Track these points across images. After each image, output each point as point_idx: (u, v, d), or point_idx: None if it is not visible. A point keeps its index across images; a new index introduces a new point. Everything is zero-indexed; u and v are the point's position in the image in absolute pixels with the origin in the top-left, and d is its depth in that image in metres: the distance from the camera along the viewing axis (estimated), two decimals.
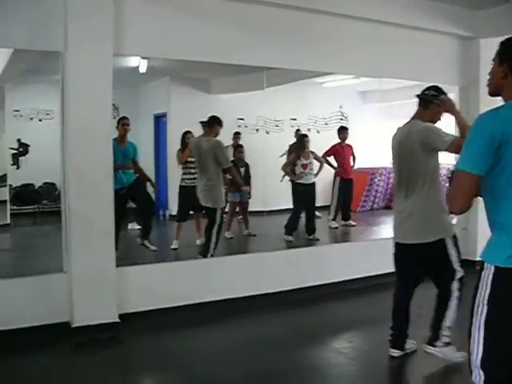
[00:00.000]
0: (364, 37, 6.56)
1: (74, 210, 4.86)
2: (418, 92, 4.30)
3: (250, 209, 8.94)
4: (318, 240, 8.45)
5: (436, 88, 4.24)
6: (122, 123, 7.29)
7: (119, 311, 5.07)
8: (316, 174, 8.86)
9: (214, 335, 5.19)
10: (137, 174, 7.48)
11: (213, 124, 6.88)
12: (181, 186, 7.99)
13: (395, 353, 4.46)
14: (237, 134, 9.74)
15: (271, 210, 9.27)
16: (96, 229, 4.93)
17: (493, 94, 2.44)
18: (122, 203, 6.83)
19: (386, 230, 8.50)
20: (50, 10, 4.75)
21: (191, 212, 8.07)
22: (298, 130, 10.39)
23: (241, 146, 9.03)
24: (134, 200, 7.47)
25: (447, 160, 11.09)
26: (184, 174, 7.97)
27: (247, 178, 8.90)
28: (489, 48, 7.15)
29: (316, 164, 9.00)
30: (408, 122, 4.27)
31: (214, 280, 5.75)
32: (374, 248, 6.95)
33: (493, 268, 2.21)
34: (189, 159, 7.87)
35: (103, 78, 4.89)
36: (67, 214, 4.93)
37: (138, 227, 8.81)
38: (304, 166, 8.54)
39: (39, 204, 10.11)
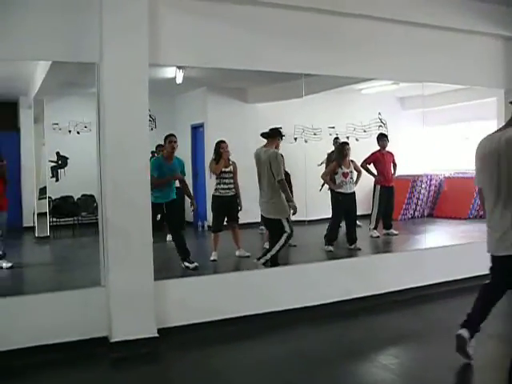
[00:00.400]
0: (404, 41, 6.42)
1: (111, 223, 4.80)
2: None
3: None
4: (359, 250, 8.25)
5: None
6: (170, 140, 7.25)
7: (158, 326, 4.96)
8: (355, 183, 8.67)
9: (255, 350, 5.05)
10: (181, 188, 7.49)
11: (273, 135, 6.88)
12: (214, 196, 7.90)
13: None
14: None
15: (311, 219, 9.13)
16: (133, 241, 4.85)
17: None
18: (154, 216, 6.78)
19: (429, 238, 8.28)
20: (85, 21, 4.73)
21: (225, 223, 7.97)
22: (336, 138, 10.21)
23: (281, 156, 8.83)
24: (167, 219, 7.31)
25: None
26: (218, 183, 7.87)
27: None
28: None
29: (356, 173, 8.81)
30: (500, 130, 4.03)
31: (254, 293, 5.60)
32: (417, 258, 6.75)
33: None
34: (223, 169, 7.79)
35: (139, 88, 4.81)
36: (104, 226, 4.86)
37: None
38: (345, 175, 8.36)
39: (78, 216, 10.16)
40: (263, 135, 6.96)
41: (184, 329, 5.13)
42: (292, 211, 6.70)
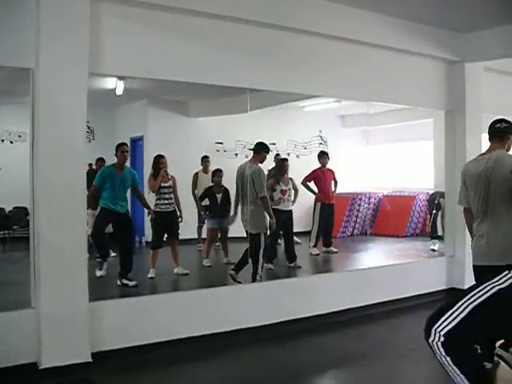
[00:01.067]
0: (350, 59, 6.41)
1: (43, 238, 4.48)
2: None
3: (230, 235, 8.65)
4: (299, 267, 8.18)
5: (506, 120, 4.38)
6: (122, 150, 7.06)
7: (92, 350, 4.66)
8: (293, 202, 8.57)
9: (194, 374, 4.80)
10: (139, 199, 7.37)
11: (257, 150, 6.93)
12: (154, 212, 7.65)
13: None
14: (205, 158, 9.47)
15: None
16: (67, 259, 4.55)
17: None
18: (105, 223, 6.65)
19: (368, 257, 8.30)
20: (21, 23, 4.42)
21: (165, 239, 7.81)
22: (277, 155, 10.14)
23: (220, 171, 8.69)
24: (118, 233, 7.14)
25: (426, 185, 11.21)
26: (158, 199, 7.66)
27: (225, 204, 8.60)
28: (473, 72, 7.20)
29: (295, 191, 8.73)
30: (484, 154, 4.33)
31: (195, 314, 5.38)
32: (359, 278, 6.71)
33: None
34: (162, 184, 7.59)
35: (77, 98, 4.55)
36: (36, 242, 4.54)
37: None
38: (283, 192, 8.24)
39: (9, 229, 9.67)
40: (251, 149, 7.11)
41: (120, 353, 4.83)
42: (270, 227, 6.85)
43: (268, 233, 6.87)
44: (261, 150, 6.94)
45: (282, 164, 8.55)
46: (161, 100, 10.06)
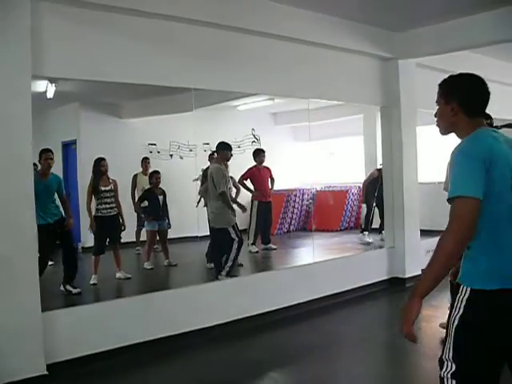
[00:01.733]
0: (285, 56, 6.47)
1: None
2: None
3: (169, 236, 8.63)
4: (241, 265, 8.18)
5: None
6: (45, 157, 6.75)
7: (47, 361, 4.51)
8: (234, 200, 8.59)
9: (153, 378, 4.78)
10: (64, 209, 6.95)
11: (219, 150, 7.24)
12: (96, 217, 7.50)
13: None
14: (145, 160, 9.42)
15: (189, 236, 9.00)
16: (17, 270, 4.38)
17: (446, 132, 2.53)
18: (48, 240, 6.27)
19: (306, 253, 8.44)
20: None
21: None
22: (211, 154, 10.12)
23: (157, 172, 8.64)
24: (60, 238, 6.89)
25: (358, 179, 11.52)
26: (99, 203, 7.50)
27: (164, 206, 8.54)
28: (407, 69, 7.46)
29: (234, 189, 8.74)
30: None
31: (148, 317, 5.29)
32: (306, 272, 6.82)
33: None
34: (103, 188, 7.45)
35: (21, 102, 4.37)
36: None
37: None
38: None
39: None
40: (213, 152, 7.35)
41: (76, 362, 4.70)
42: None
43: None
44: (220, 149, 7.22)
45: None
46: (93, 102, 9.82)
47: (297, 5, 6.18)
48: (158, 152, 10.79)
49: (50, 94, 8.09)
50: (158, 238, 8.67)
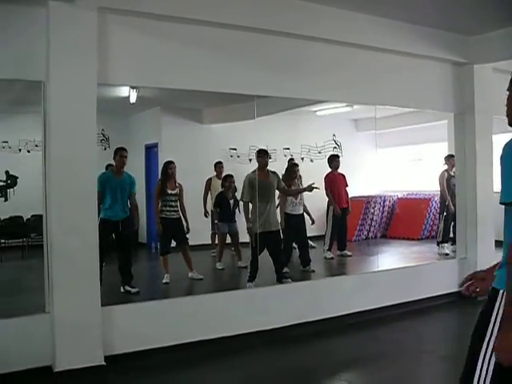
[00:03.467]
0: (357, 64, 6.46)
1: (56, 246, 4.61)
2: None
3: (244, 240, 8.73)
4: (313, 272, 8.20)
5: None
6: (120, 154, 6.98)
7: (105, 353, 4.77)
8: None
9: (206, 377, 4.91)
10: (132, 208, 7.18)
11: (257, 158, 7.32)
12: (160, 218, 7.73)
13: None
14: (218, 164, 9.58)
15: None
16: (79, 266, 4.67)
17: None
18: (107, 236, 6.54)
19: (382, 260, 8.31)
20: (32, 38, 4.57)
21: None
22: (291, 159, 10.21)
23: (230, 176, 8.80)
24: (117, 239, 7.07)
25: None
26: (164, 205, 7.71)
27: (235, 210, 8.69)
28: (482, 74, 7.21)
29: (307, 195, 8.71)
30: None
31: (206, 317, 5.46)
32: (370, 280, 6.75)
33: None
34: (169, 191, 7.68)
35: (87, 107, 4.68)
36: (49, 249, 4.67)
37: None
38: (295, 196, 8.29)
39: (27, 237, 9.84)
40: None
41: (133, 356, 4.93)
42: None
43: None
44: (257, 156, 7.34)
45: (291, 169, 8.59)
46: (174, 107, 10.18)
47: (371, 12, 6.17)
48: (238, 156, 11.02)
49: (132, 99, 8.51)
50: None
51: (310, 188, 7.37)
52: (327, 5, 5.84)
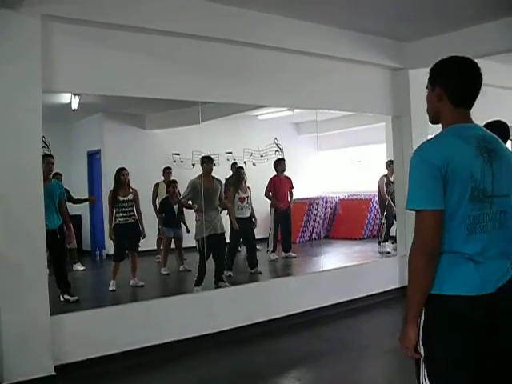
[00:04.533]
0: (298, 69, 6.62)
1: (2, 255, 4.54)
2: None
3: (187, 245, 8.78)
4: (260, 273, 8.33)
5: None
6: (47, 161, 6.65)
7: (55, 363, 4.73)
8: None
9: (157, 381, 4.95)
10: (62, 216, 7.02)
11: (201, 164, 7.50)
12: (115, 225, 7.74)
13: None
14: (167, 169, 9.61)
15: None
16: (27, 275, 4.61)
17: (434, 121, 2.37)
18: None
19: (325, 260, 8.50)
20: None
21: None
22: (234, 163, 10.32)
23: (174, 182, 8.89)
24: (53, 247, 6.66)
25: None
26: (117, 212, 7.71)
27: (180, 215, 8.75)
28: (417, 78, 7.49)
29: (254, 198, 8.86)
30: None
31: (154, 323, 5.48)
32: (314, 280, 6.91)
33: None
34: (121, 198, 7.68)
35: (32, 115, 4.64)
36: None
37: (82, 268, 8.85)
38: (241, 200, 8.41)
39: None
40: None
41: (83, 364, 4.89)
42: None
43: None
44: (202, 162, 7.51)
45: (238, 173, 8.73)
46: (116, 113, 10.12)
47: (306, 19, 6.33)
48: (182, 162, 11.03)
49: (74, 106, 8.42)
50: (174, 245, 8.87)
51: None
52: (268, 12, 6.00)
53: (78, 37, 4.97)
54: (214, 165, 7.81)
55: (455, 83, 2.24)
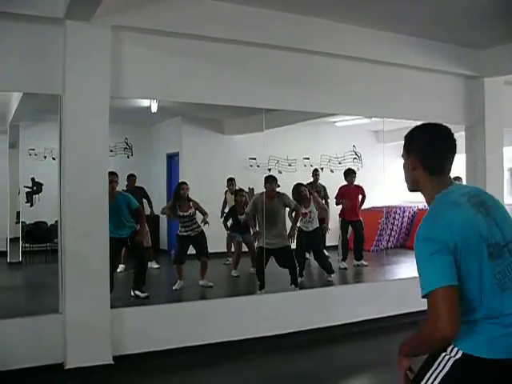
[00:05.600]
0: (370, 78, 6.64)
1: (69, 250, 4.90)
2: None
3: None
4: (331, 281, 8.34)
5: None
6: (110, 180, 6.56)
7: (114, 353, 5.03)
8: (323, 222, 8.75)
9: (209, 380, 5.10)
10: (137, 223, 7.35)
11: (264, 184, 7.64)
12: (178, 236, 8.04)
13: None
14: (230, 181, 9.60)
15: None
16: (91, 270, 4.94)
17: (412, 189, 2.30)
18: (115, 251, 6.70)
19: (399, 270, 8.38)
20: (50, 53, 4.88)
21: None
22: (315, 170, 10.22)
23: (241, 191, 9.00)
24: (131, 252, 7.46)
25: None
26: (181, 226, 7.94)
27: (245, 222, 8.77)
28: (493, 87, 7.29)
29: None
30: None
31: (212, 322, 5.68)
32: (377, 290, 6.87)
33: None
34: (182, 214, 7.84)
35: (100, 119, 4.97)
36: (63, 254, 4.96)
37: (156, 266, 9.24)
38: (303, 215, 8.45)
39: (51, 242, 10.13)
40: None
41: (140, 357, 5.17)
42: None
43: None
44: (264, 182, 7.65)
45: (297, 189, 8.77)
46: (194, 118, 10.38)
47: (383, 28, 6.33)
48: (258, 166, 11.19)
49: (153, 109, 8.77)
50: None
51: None
52: (335, 20, 6.02)
53: (146, 45, 5.26)
54: (279, 186, 7.84)
55: (429, 153, 2.19)
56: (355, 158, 12.24)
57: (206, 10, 5.34)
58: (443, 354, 2.07)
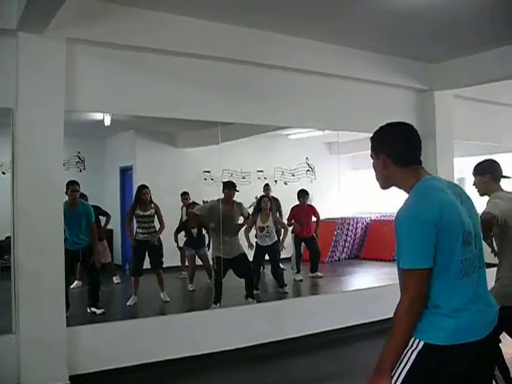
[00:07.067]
0: (323, 91, 6.71)
1: (22, 267, 4.76)
2: None
3: None
4: (286, 293, 8.36)
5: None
6: (72, 189, 6.83)
7: (70, 373, 4.90)
8: (282, 239, 8.81)
9: None
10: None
11: (223, 190, 7.54)
12: (135, 240, 7.88)
13: None
14: (184, 194, 9.56)
15: None
16: (45, 287, 4.80)
17: (385, 187, 2.49)
18: (69, 264, 6.43)
19: (352, 281, 8.47)
20: (1, 66, 4.76)
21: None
22: (266, 185, 10.27)
23: (194, 204, 8.94)
24: (83, 265, 7.32)
25: None
26: (137, 227, 7.85)
27: (199, 236, 8.80)
28: (443, 100, 7.48)
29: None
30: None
31: (170, 337, 5.61)
32: (334, 301, 6.91)
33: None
34: (141, 213, 7.79)
35: (53, 134, 4.87)
36: (16, 270, 4.81)
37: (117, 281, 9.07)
38: (260, 229, 8.49)
39: (1, 259, 9.84)
40: None
41: (97, 375, 5.05)
42: None
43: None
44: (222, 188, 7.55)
45: (259, 201, 8.80)
46: (148, 131, 10.32)
47: (338, 43, 6.45)
48: (212, 179, 11.17)
49: (107, 122, 8.65)
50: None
51: None
52: (292, 35, 6.11)
53: (100, 58, 5.20)
54: (238, 191, 7.77)
55: (397, 149, 2.37)
56: (308, 170, 12.36)
57: (161, 24, 5.32)
58: (406, 349, 2.23)
